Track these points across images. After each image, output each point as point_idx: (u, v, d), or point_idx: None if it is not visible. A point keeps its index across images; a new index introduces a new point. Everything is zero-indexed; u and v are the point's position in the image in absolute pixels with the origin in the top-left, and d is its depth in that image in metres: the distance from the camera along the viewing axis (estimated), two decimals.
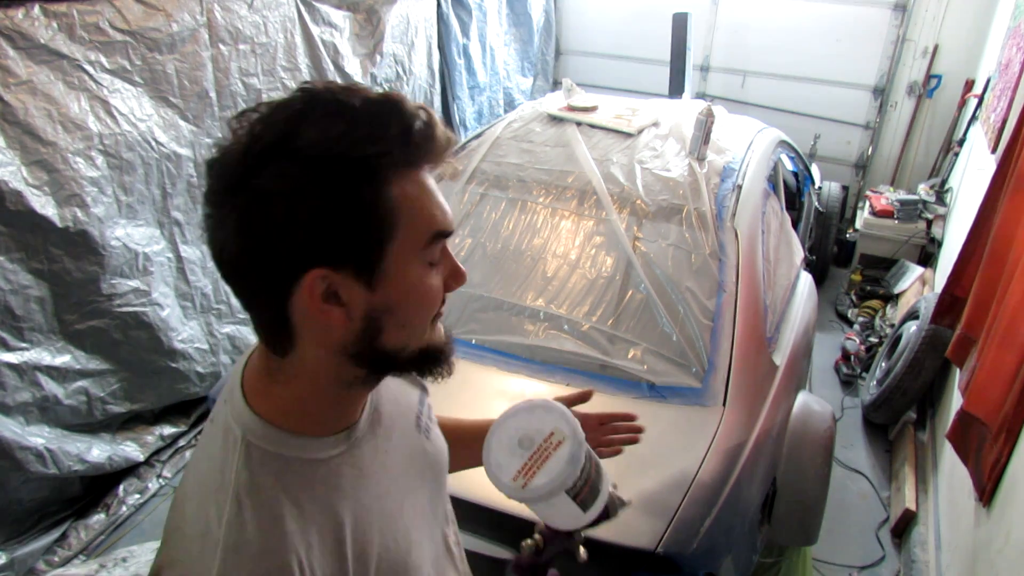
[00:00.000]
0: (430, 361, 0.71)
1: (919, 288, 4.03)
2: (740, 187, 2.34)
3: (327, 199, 0.58)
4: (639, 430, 1.12)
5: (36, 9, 2.20)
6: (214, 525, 0.63)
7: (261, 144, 0.58)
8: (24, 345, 2.34)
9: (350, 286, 0.62)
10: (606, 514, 0.88)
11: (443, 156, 0.65)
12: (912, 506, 2.68)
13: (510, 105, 5.48)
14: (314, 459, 0.69)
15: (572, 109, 2.81)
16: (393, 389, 0.84)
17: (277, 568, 0.63)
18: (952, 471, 2.49)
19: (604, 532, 1.37)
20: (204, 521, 0.64)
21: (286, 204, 0.57)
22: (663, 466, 1.66)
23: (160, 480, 2.82)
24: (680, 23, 4.82)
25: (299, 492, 0.67)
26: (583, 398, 1.09)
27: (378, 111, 0.60)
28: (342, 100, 0.60)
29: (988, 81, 4.02)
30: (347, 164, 0.58)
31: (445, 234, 0.66)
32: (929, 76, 4.96)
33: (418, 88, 4.34)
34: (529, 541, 0.85)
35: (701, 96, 5.54)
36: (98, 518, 2.62)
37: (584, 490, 0.78)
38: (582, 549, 0.87)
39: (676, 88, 4.86)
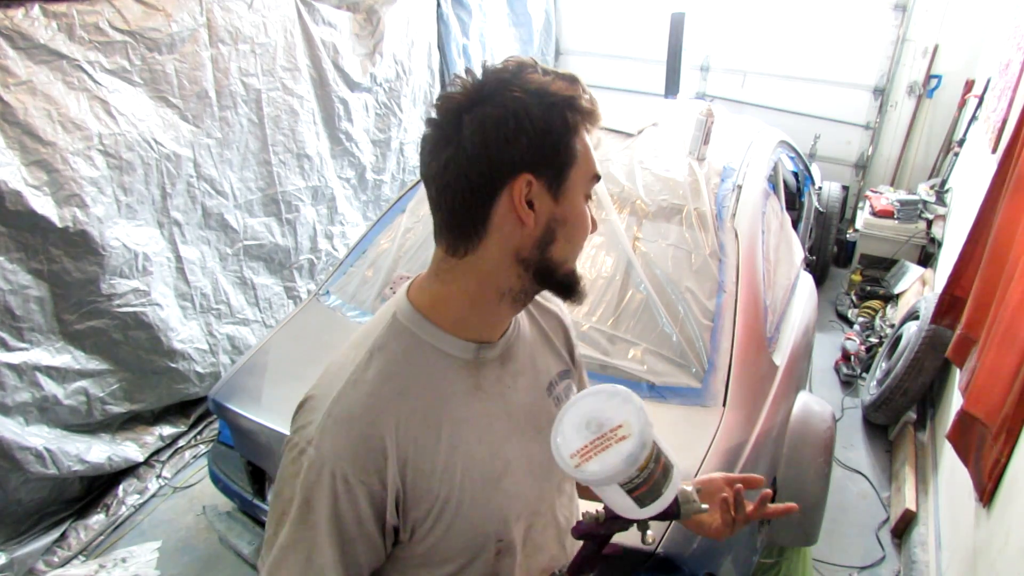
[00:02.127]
0: (574, 285, 0.85)
1: (919, 288, 4.03)
2: (740, 187, 2.34)
3: (545, 118, 0.76)
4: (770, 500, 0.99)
5: (36, 9, 2.20)
6: (348, 364, 0.81)
7: (492, 82, 0.77)
8: (24, 345, 2.34)
9: (542, 195, 0.78)
10: (675, 514, 0.90)
11: (598, 125, 0.83)
12: (912, 506, 2.68)
13: None
14: (442, 351, 0.83)
15: None
16: (534, 350, 0.96)
17: (378, 409, 0.78)
18: (952, 471, 2.49)
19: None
20: (342, 361, 0.83)
21: (516, 119, 0.75)
22: None
23: (160, 480, 2.82)
24: (677, 23, 4.81)
25: (419, 368, 0.82)
26: (750, 483, 0.99)
27: (570, 76, 0.80)
28: (539, 65, 0.79)
29: (988, 81, 4.02)
30: (560, 98, 0.77)
31: (599, 176, 0.84)
32: (929, 76, 4.96)
33: (418, 88, 4.34)
34: (593, 511, 0.87)
35: (701, 96, 5.54)
36: (98, 518, 2.62)
37: (641, 488, 0.79)
38: (649, 534, 0.89)
39: (672, 88, 4.85)
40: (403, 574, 0.86)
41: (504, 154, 0.75)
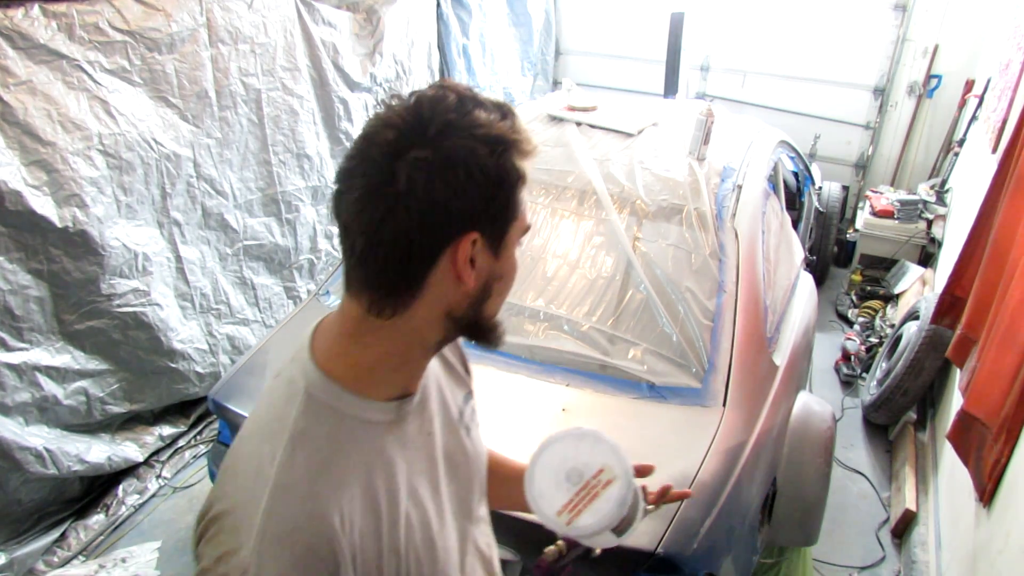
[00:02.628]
0: (497, 331, 0.79)
1: (919, 288, 4.03)
2: (740, 187, 2.34)
3: (498, 169, 0.68)
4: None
5: (36, 9, 2.20)
6: (267, 465, 0.69)
7: (438, 121, 0.67)
8: (23, 345, 2.34)
9: (484, 252, 0.71)
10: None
11: (533, 158, 0.75)
12: (912, 506, 2.68)
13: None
14: (367, 420, 0.74)
15: (572, 109, 2.81)
16: (441, 383, 0.89)
17: (319, 513, 0.67)
18: (952, 471, 2.49)
19: None
20: (258, 461, 0.70)
21: (467, 170, 0.66)
22: (663, 466, 1.65)
23: (159, 480, 2.81)
24: (676, 23, 4.81)
25: (349, 447, 0.72)
26: (644, 472, 1.01)
27: (507, 110, 0.72)
28: (479, 97, 0.71)
29: (988, 81, 4.02)
30: (509, 144, 0.69)
31: (529, 228, 0.78)
32: (929, 76, 4.96)
33: (418, 88, 4.34)
34: (552, 548, 0.86)
35: (701, 96, 5.54)
36: (97, 518, 2.62)
37: (625, 521, 0.78)
38: (598, 549, 0.90)
39: (671, 88, 4.85)
40: None
41: (453, 210, 0.67)
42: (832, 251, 4.70)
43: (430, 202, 0.66)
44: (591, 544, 0.81)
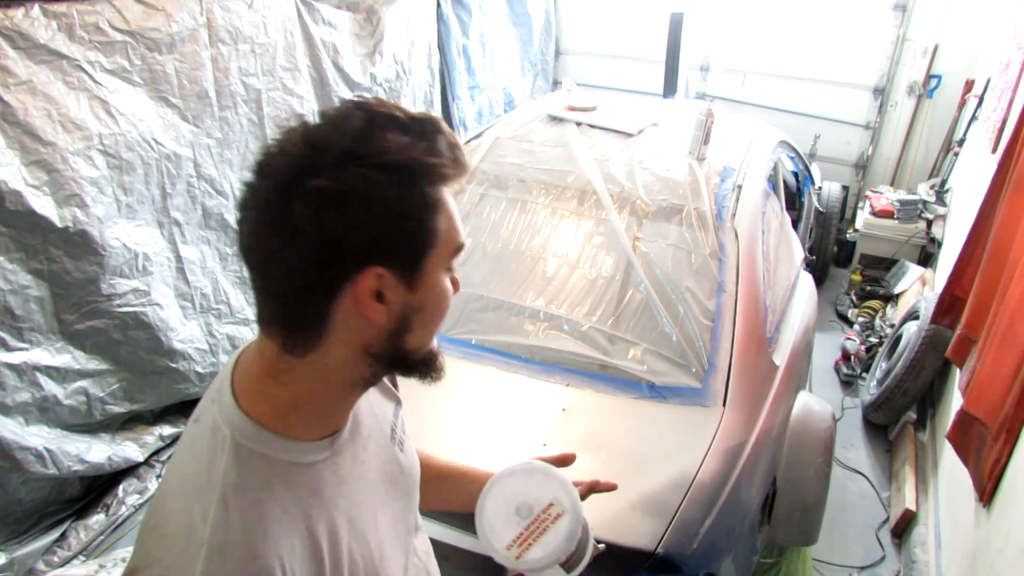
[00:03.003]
0: (431, 364, 0.74)
1: (919, 288, 4.03)
2: (740, 187, 2.34)
3: (401, 200, 0.63)
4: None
5: (36, 9, 2.20)
6: (199, 524, 0.64)
7: (334, 150, 0.61)
8: (24, 345, 2.33)
9: (395, 285, 0.66)
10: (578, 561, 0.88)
11: (466, 174, 0.70)
12: (912, 506, 2.68)
13: (510, 105, 5.48)
14: (299, 463, 0.70)
15: (572, 109, 2.81)
16: (371, 401, 0.85)
17: (262, 570, 0.63)
18: (952, 471, 2.49)
19: (604, 532, 1.37)
20: (188, 520, 0.65)
21: (362, 202, 0.61)
22: (663, 466, 1.66)
23: (160, 480, 2.82)
24: (676, 23, 4.81)
25: (284, 495, 0.68)
26: (564, 461, 1.01)
27: (429, 128, 0.66)
28: (396, 115, 0.65)
29: (988, 81, 4.02)
30: (420, 170, 0.64)
31: (462, 246, 0.71)
32: (929, 76, 4.96)
33: (418, 88, 4.34)
34: None
35: (701, 96, 5.54)
36: (98, 518, 2.62)
37: (574, 557, 0.78)
38: None
39: (670, 88, 4.85)
40: None
41: (347, 245, 0.62)
42: (832, 251, 4.70)
43: (323, 237, 0.61)
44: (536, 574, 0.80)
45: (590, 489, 1.03)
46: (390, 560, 0.80)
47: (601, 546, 0.90)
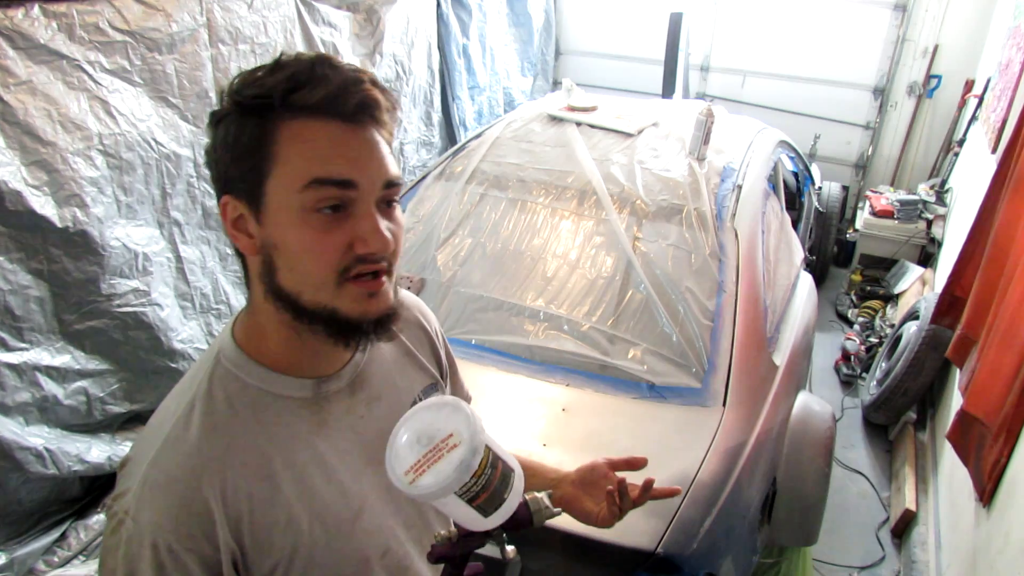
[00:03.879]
0: (338, 326, 0.72)
1: (919, 288, 4.03)
2: (740, 187, 2.34)
3: (227, 132, 0.69)
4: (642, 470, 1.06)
5: (36, 9, 2.20)
6: (167, 420, 0.73)
7: (231, 87, 0.70)
8: (24, 345, 2.33)
9: (248, 218, 0.70)
10: (528, 521, 0.88)
11: (354, 115, 0.69)
12: (912, 506, 2.68)
13: (510, 105, 5.48)
14: (272, 393, 0.75)
15: (572, 109, 2.81)
16: (394, 368, 0.89)
17: (200, 470, 0.69)
18: (952, 471, 2.49)
19: (604, 532, 1.37)
20: (162, 415, 0.74)
21: (215, 133, 0.70)
22: (663, 466, 1.66)
23: None
24: (675, 23, 4.81)
25: (247, 415, 0.73)
26: (632, 465, 1.02)
27: (284, 65, 0.68)
28: (286, 58, 0.69)
29: (988, 81, 4.02)
30: (256, 97, 0.67)
31: (324, 180, 0.67)
32: (929, 76, 4.96)
33: (418, 88, 4.34)
34: (443, 532, 0.85)
35: (701, 96, 5.54)
36: (98, 518, 2.62)
37: (481, 496, 0.77)
38: (509, 548, 0.87)
39: (668, 88, 4.85)
40: None
41: (212, 172, 0.71)
42: (832, 251, 4.71)
43: (207, 162, 0.72)
44: (465, 522, 0.81)
45: (644, 490, 0.98)
46: (370, 519, 0.81)
47: (557, 511, 0.90)
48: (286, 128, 0.67)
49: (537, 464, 1.06)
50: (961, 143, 4.48)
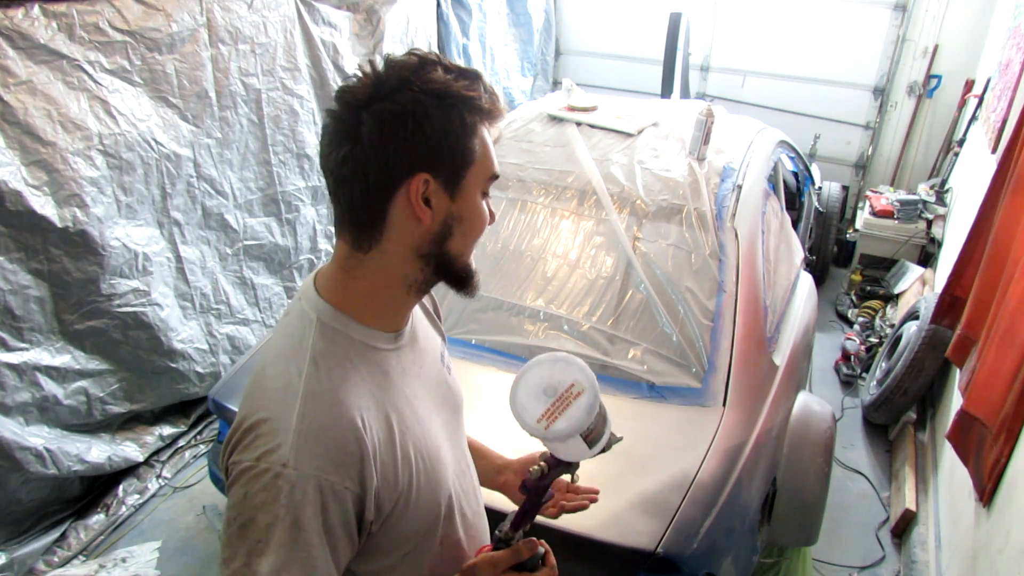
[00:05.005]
0: (468, 278, 0.88)
1: (919, 288, 4.03)
2: (740, 187, 2.34)
3: (444, 120, 0.78)
4: (594, 499, 1.22)
5: (36, 9, 2.20)
6: (295, 379, 0.79)
7: (393, 79, 0.78)
8: (24, 345, 2.34)
9: (439, 193, 0.81)
10: (604, 449, 1.01)
11: (500, 119, 0.85)
12: (912, 506, 2.68)
13: (510, 105, 5.48)
14: (372, 346, 0.86)
15: (572, 109, 2.81)
16: (424, 325, 1.01)
17: (346, 415, 0.78)
18: (952, 471, 2.49)
19: (604, 532, 1.37)
20: (285, 377, 0.80)
21: (415, 119, 0.77)
22: (663, 466, 1.66)
23: (160, 480, 2.82)
24: (674, 23, 4.81)
25: (361, 367, 0.83)
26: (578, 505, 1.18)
27: (472, 74, 0.81)
28: (443, 60, 0.81)
29: (988, 81, 4.02)
30: (459, 99, 0.79)
31: (497, 176, 0.87)
32: (929, 76, 4.96)
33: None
34: (535, 467, 0.98)
35: (701, 96, 5.54)
36: (98, 518, 2.62)
37: (593, 432, 0.94)
38: (577, 473, 1.02)
39: (667, 88, 4.85)
40: (367, 562, 0.86)
41: (401, 153, 0.78)
42: (832, 251, 4.70)
43: (382, 145, 0.77)
44: (567, 455, 0.95)
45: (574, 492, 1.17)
46: (446, 458, 0.93)
47: (620, 437, 1.04)
48: (483, 131, 0.83)
49: (485, 448, 1.21)
50: (961, 143, 4.48)
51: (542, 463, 0.98)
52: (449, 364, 1.06)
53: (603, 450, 1.00)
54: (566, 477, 1.02)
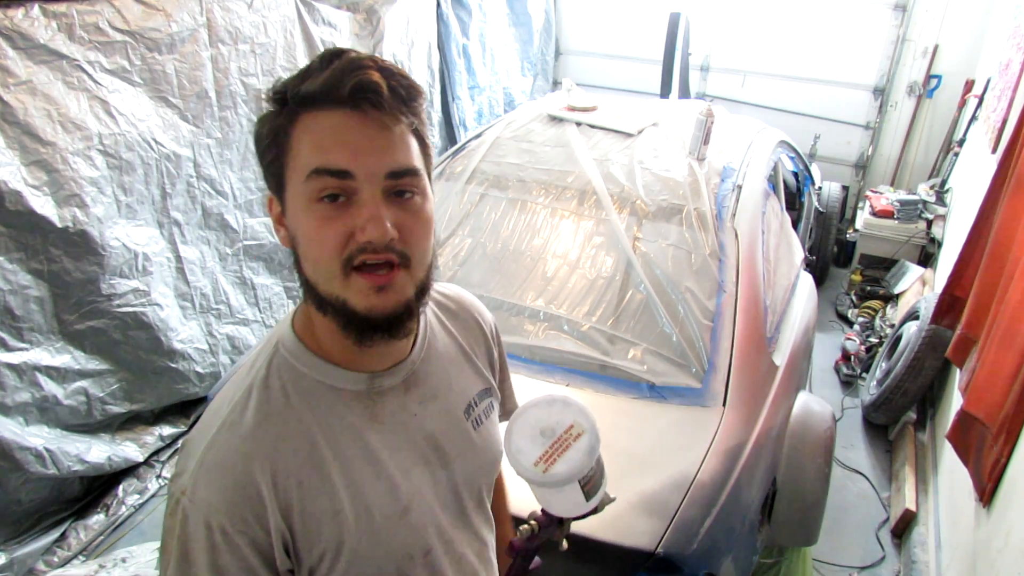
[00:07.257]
0: (348, 318, 0.71)
1: (919, 288, 4.03)
2: (740, 187, 2.34)
3: (267, 124, 0.72)
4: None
5: (36, 9, 2.20)
6: (225, 404, 0.75)
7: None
8: (24, 345, 2.33)
9: (283, 212, 0.74)
10: (598, 508, 0.95)
11: (353, 100, 0.68)
12: (912, 506, 2.68)
13: (510, 105, 5.48)
14: (327, 384, 0.76)
15: (572, 109, 2.81)
16: (450, 368, 0.89)
17: (254, 455, 0.71)
18: (952, 471, 2.49)
19: (604, 532, 1.37)
20: (222, 399, 0.77)
21: (256, 133, 0.73)
22: (663, 466, 1.66)
23: (160, 480, 2.81)
24: (673, 23, 4.81)
25: (300, 405, 0.75)
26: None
27: (324, 57, 0.70)
28: (323, 52, 0.72)
29: (988, 81, 4.02)
30: (284, 98, 0.70)
31: (322, 170, 0.68)
32: (929, 76, 4.96)
33: None
34: (525, 526, 0.90)
35: (701, 96, 5.54)
36: (98, 518, 2.62)
37: (591, 481, 0.86)
38: (565, 541, 0.94)
39: (666, 88, 4.85)
40: None
41: (264, 175, 0.75)
42: (832, 251, 4.70)
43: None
44: (561, 509, 0.88)
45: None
46: (416, 516, 0.81)
47: (613, 497, 0.97)
48: (299, 121, 0.69)
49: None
50: (961, 143, 4.48)
51: (532, 522, 0.91)
52: (481, 417, 0.91)
53: (595, 510, 0.94)
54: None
